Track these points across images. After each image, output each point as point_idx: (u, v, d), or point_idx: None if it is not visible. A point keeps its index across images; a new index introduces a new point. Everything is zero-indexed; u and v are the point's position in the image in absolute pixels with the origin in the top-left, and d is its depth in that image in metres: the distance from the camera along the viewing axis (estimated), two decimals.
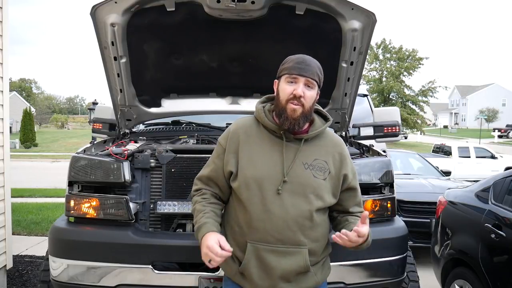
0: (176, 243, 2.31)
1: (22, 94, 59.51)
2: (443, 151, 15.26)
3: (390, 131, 3.52)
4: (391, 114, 3.63)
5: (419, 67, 34.16)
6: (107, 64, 2.79)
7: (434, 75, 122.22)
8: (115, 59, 2.76)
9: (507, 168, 10.18)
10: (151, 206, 2.53)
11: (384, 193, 2.54)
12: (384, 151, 2.83)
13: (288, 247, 1.72)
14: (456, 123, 66.20)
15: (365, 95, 5.85)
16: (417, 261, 3.04)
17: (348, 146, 3.04)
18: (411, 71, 34.05)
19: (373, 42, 25.79)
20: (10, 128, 15.85)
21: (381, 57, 35.68)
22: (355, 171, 1.88)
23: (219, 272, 2.18)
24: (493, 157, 14.66)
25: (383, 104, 32.47)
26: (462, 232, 3.37)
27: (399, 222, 2.55)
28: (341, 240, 1.63)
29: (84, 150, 2.70)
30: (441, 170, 7.72)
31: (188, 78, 3.15)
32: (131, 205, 2.37)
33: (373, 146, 2.98)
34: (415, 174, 7.21)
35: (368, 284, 2.35)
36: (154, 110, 3.27)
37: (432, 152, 15.86)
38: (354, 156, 2.76)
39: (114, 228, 2.35)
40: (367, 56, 8.10)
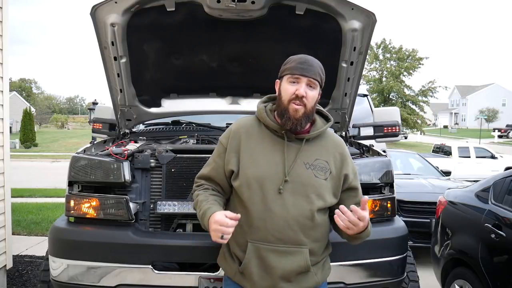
0: (176, 243, 2.31)
1: (22, 94, 59.52)
2: (443, 151, 15.25)
3: (390, 131, 3.52)
4: (391, 114, 3.63)
5: (419, 67, 34.15)
6: (107, 64, 2.79)
7: (434, 75, 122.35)
8: (115, 59, 2.77)
9: (507, 168, 10.17)
10: (151, 206, 2.53)
11: (384, 193, 2.54)
12: (384, 151, 2.83)
13: (289, 246, 1.72)
14: (456, 123, 66.18)
15: (365, 95, 5.85)
16: (417, 261, 3.04)
17: (348, 146, 3.03)
18: (411, 71, 34.02)
19: (373, 42, 25.91)
20: (10, 128, 15.85)
21: (381, 57, 35.67)
22: (356, 171, 1.89)
23: (219, 272, 2.18)
24: (493, 157, 14.66)
25: (383, 104, 32.46)
26: (462, 232, 3.37)
27: (399, 222, 2.55)
28: (340, 220, 1.60)
29: (84, 150, 2.70)
30: (441, 170, 7.72)
31: (188, 78, 3.15)
32: (131, 205, 2.37)
33: (373, 146, 2.98)
34: (415, 174, 7.20)
35: (368, 284, 2.34)
36: (154, 110, 3.27)
37: (432, 152, 15.85)
38: (354, 156, 2.76)
39: (114, 228, 2.35)
40: (367, 56, 8.09)
